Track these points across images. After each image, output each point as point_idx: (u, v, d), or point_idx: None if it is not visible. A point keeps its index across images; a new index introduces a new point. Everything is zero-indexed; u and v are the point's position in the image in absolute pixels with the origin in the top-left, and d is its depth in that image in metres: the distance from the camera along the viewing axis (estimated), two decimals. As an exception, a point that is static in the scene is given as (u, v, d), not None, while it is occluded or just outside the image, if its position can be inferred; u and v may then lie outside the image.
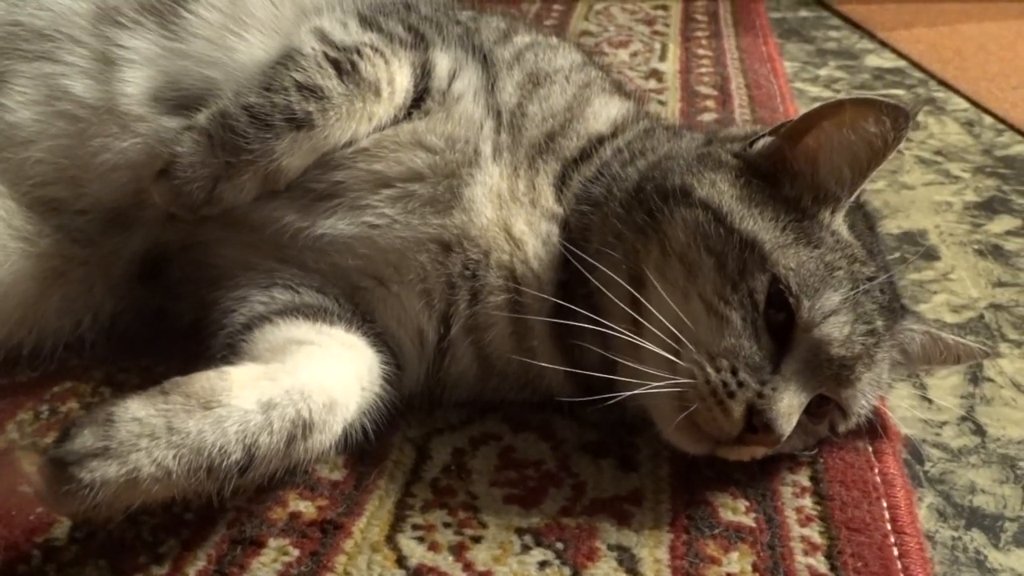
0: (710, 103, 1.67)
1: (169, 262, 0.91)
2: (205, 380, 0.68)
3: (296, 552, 0.71)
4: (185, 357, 0.92)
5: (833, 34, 2.20)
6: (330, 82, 0.79)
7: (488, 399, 0.87)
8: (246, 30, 0.89)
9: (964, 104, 1.79)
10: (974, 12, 2.33)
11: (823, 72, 1.94)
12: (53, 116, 0.86)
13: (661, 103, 1.65)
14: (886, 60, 2.03)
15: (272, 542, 0.72)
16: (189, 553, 0.71)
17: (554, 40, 1.01)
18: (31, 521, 0.73)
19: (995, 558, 0.77)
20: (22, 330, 0.88)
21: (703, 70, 1.84)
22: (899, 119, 0.77)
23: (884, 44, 2.11)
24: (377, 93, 0.81)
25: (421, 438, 0.85)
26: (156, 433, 0.64)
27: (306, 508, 0.76)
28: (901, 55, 2.04)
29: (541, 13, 2.19)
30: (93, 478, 0.61)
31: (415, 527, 0.75)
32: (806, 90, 1.84)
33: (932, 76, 1.92)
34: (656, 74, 1.80)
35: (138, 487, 0.63)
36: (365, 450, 0.81)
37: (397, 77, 0.83)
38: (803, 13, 2.35)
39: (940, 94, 1.84)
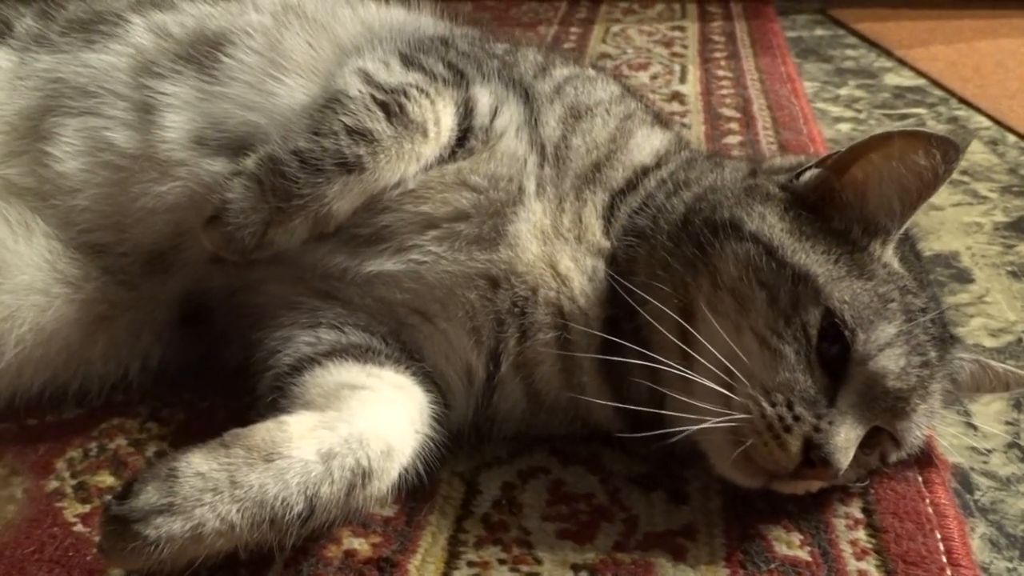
0: (734, 125, 1.67)
1: (212, 306, 0.91)
2: (265, 432, 0.69)
3: (355, 591, 0.71)
4: (228, 392, 0.94)
5: (850, 52, 2.21)
6: (379, 125, 0.80)
7: (536, 433, 0.87)
8: (285, 74, 0.90)
9: (987, 123, 1.79)
10: (989, 29, 2.34)
11: (843, 92, 1.95)
12: (97, 166, 0.88)
13: (685, 126, 1.66)
14: (905, 78, 2.03)
15: (330, 582, 0.72)
16: (247, 594, 0.71)
17: (591, 72, 1.02)
18: (88, 562, 0.74)
19: (1052, 589, 0.77)
20: (67, 373, 0.89)
21: (724, 91, 1.85)
22: (949, 152, 0.77)
23: (902, 62, 2.11)
24: (424, 134, 0.82)
25: (470, 472, 0.85)
26: (219, 487, 0.65)
27: (360, 545, 0.76)
28: (920, 73, 2.04)
29: (560, 36, 2.20)
30: (159, 535, 0.62)
31: (470, 564, 0.75)
32: (828, 110, 1.84)
33: (952, 94, 1.92)
34: (678, 96, 1.81)
35: (202, 542, 0.64)
36: (415, 486, 0.82)
37: (443, 117, 0.83)
38: (819, 32, 2.36)
39: (962, 112, 1.84)
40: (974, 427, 0.96)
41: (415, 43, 0.94)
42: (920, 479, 0.85)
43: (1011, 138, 1.72)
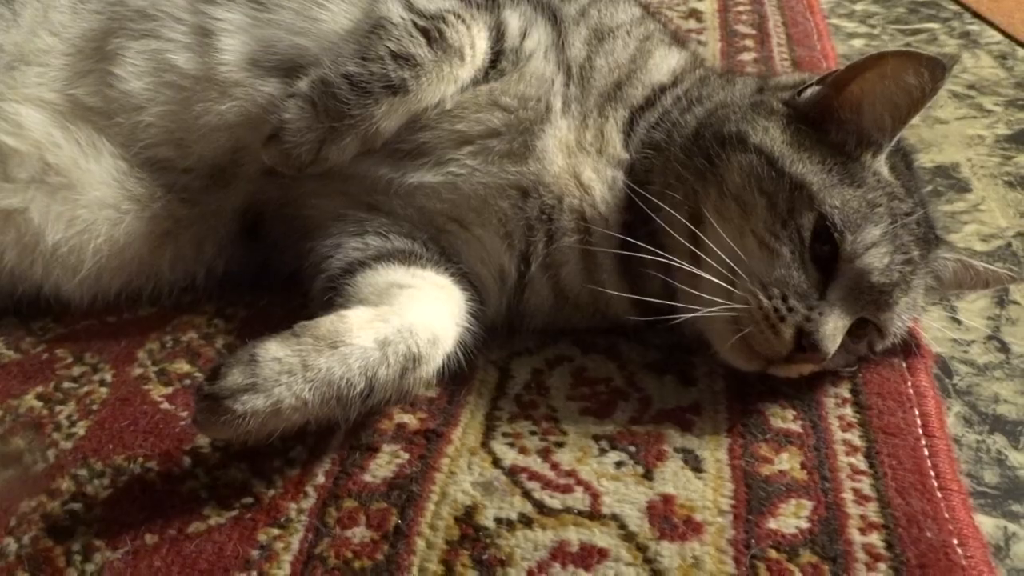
0: (749, 42, 1.72)
1: (267, 219, 1.01)
2: (329, 324, 0.79)
3: (406, 455, 0.83)
4: (283, 294, 1.05)
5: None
6: (421, 50, 0.88)
7: (561, 327, 0.98)
8: (333, 1, 0.98)
9: (998, 37, 1.82)
10: (1010, -60, 2.33)
11: (858, 7, 1.98)
12: (160, 86, 0.96)
13: (701, 43, 1.71)
14: (920, -9, 2.05)
15: (385, 447, 0.84)
16: (315, 458, 0.83)
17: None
18: (177, 432, 0.86)
19: (1015, 458, 0.87)
20: (140, 279, 0.99)
21: (741, 8, 1.88)
22: (936, 71, 0.84)
23: (920, -25, 2.13)
24: (462, 57, 0.90)
25: (503, 360, 0.96)
26: (293, 370, 0.75)
27: (409, 420, 0.87)
28: (936, -13, 2.06)
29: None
30: (245, 409, 0.73)
31: (505, 435, 0.86)
32: (842, 26, 1.88)
33: (967, 8, 1.95)
34: (695, 14, 1.85)
35: (280, 416, 0.75)
36: (455, 372, 0.93)
37: (478, 41, 0.91)
38: None
39: (974, 27, 1.87)
40: (958, 321, 1.06)
41: None
42: (904, 365, 0.95)
43: (1020, 52, 1.76)
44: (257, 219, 1.02)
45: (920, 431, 0.86)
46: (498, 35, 0.93)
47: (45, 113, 0.97)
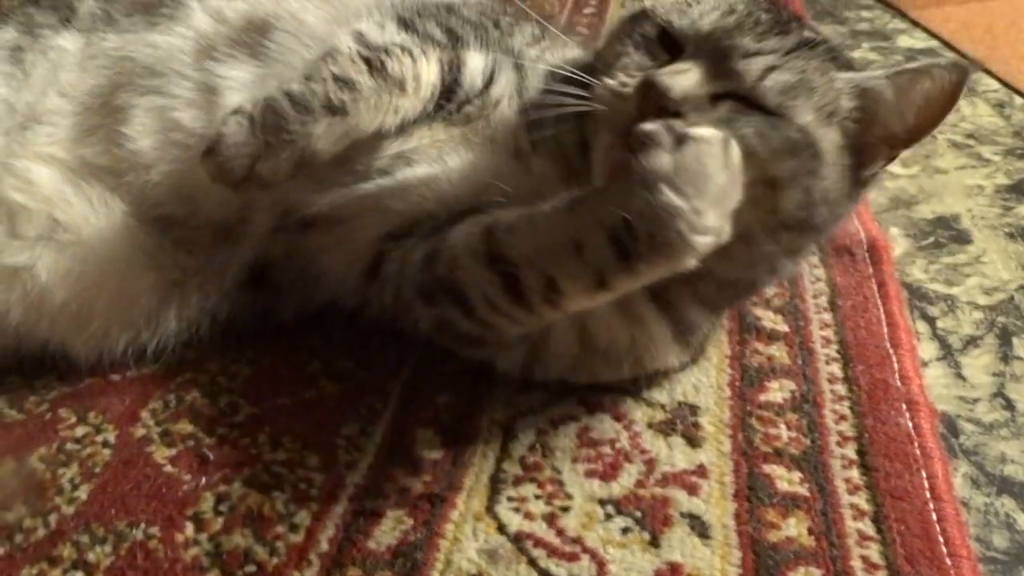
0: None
1: (274, 269, 1.01)
2: None
3: (410, 521, 0.82)
4: (287, 349, 1.05)
5: (865, 14, 2.25)
6: (361, 77, 0.89)
7: None
8: (310, 51, 0.99)
9: (995, 85, 1.84)
10: (1005, -13, 2.36)
11: (857, 54, 2.00)
12: (168, 144, 0.97)
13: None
14: (918, 40, 2.08)
15: (389, 513, 0.83)
16: (319, 523, 0.82)
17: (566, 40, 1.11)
18: (180, 497, 0.85)
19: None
20: (147, 333, 0.99)
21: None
22: None
23: (916, 24, 2.16)
24: (402, 89, 0.91)
25: (507, 420, 0.95)
26: None
27: (413, 484, 0.87)
28: (933, 35, 2.09)
29: (580, 0, 2.25)
30: None
31: (510, 499, 0.86)
32: (840, 74, 1.90)
33: (963, 56, 1.97)
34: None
35: None
36: (458, 432, 0.93)
37: (423, 73, 0.92)
38: (835, -9, 2.40)
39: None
40: (963, 378, 1.06)
41: (419, 8, 1.02)
42: (910, 425, 0.94)
43: (1018, 100, 1.78)
44: (264, 270, 1.02)
45: (928, 494, 0.86)
46: (450, 68, 0.94)
47: (56, 171, 0.98)
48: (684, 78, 0.80)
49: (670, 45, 0.86)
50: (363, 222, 0.95)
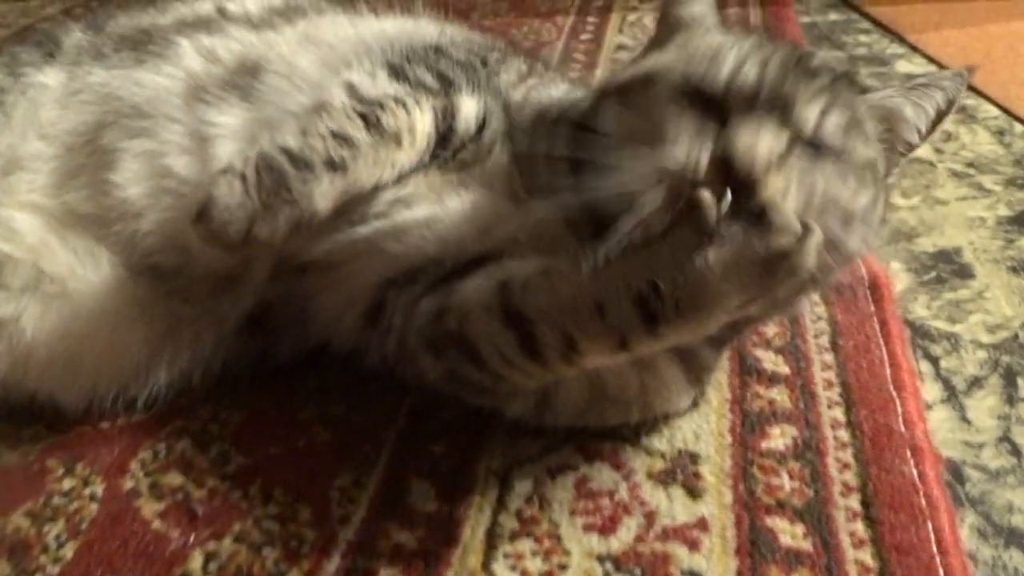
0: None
1: (271, 311, 0.99)
2: None
3: (405, 581, 0.81)
4: (280, 393, 1.03)
5: (863, 39, 2.24)
6: (359, 133, 0.87)
7: None
8: (303, 94, 0.97)
9: (995, 111, 1.83)
10: (1003, 11, 2.36)
11: (855, 80, 1.99)
12: (159, 192, 0.95)
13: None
14: (916, 66, 2.07)
15: (383, 571, 0.81)
16: (311, 583, 0.80)
17: (550, 76, 1.09)
18: (168, 556, 0.83)
19: (1033, 575, 0.85)
20: (137, 384, 0.97)
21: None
22: None
23: (914, 48, 2.15)
24: (398, 143, 0.89)
25: (503, 469, 0.94)
26: None
27: (407, 539, 0.85)
28: (931, 60, 2.08)
29: (576, 26, 2.25)
30: None
31: (506, 556, 0.84)
32: (839, 100, 1.89)
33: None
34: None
35: None
36: (454, 483, 0.91)
37: (418, 125, 0.91)
38: (832, 16, 2.39)
39: (970, 101, 1.88)
40: (968, 421, 1.04)
41: (408, 53, 1.01)
42: (915, 473, 0.92)
43: (1018, 127, 1.77)
44: (262, 315, 1.01)
45: (934, 548, 0.84)
46: (445, 116, 0.93)
47: (40, 219, 0.96)
48: (758, 146, 0.75)
49: (709, 108, 0.80)
50: (360, 265, 0.94)
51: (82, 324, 0.93)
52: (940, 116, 0.90)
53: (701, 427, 0.99)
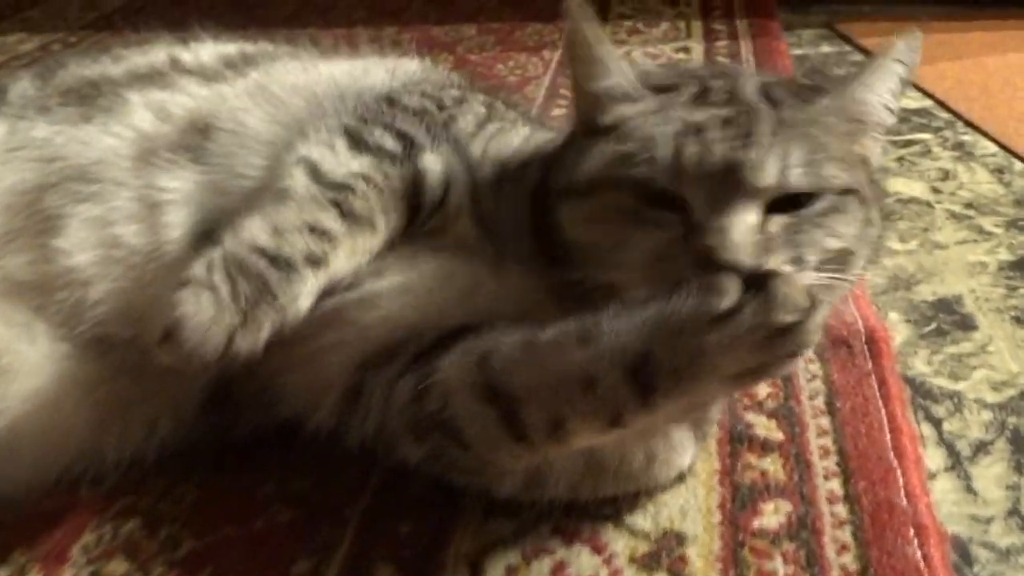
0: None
1: (234, 386, 0.93)
2: None
3: None
4: (239, 467, 0.96)
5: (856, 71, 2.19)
6: (335, 224, 0.81)
7: None
8: (254, 154, 0.92)
9: (993, 148, 1.78)
10: (998, 42, 2.32)
11: (849, 116, 1.94)
12: (108, 262, 0.88)
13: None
14: (912, 100, 2.02)
15: None
16: None
17: (512, 115, 1.03)
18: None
19: (1050, 672, 0.78)
20: (81, 464, 0.91)
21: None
22: None
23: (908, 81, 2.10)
24: (373, 228, 0.84)
25: (475, 552, 0.87)
26: None
27: (368, 637, 0.78)
28: (927, 94, 2.03)
29: (564, 60, 2.20)
30: None
31: (475, 655, 0.77)
32: (832, 137, 1.84)
33: (959, 117, 1.91)
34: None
35: None
36: (421, 570, 0.84)
37: (390, 203, 0.85)
38: (825, 48, 2.35)
39: (968, 137, 1.83)
40: (974, 492, 0.97)
41: (362, 110, 0.94)
42: (919, 555, 0.86)
43: (1018, 165, 1.71)
44: (223, 390, 0.94)
45: (942, 643, 0.77)
46: (416, 190, 0.87)
47: None
48: (733, 235, 0.71)
49: (667, 203, 0.76)
50: (331, 338, 0.87)
51: (18, 405, 0.86)
52: (903, 84, 0.87)
53: (688, 502, 0.92)
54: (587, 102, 0.86)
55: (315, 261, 0.79)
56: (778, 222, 0.75)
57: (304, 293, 0.78)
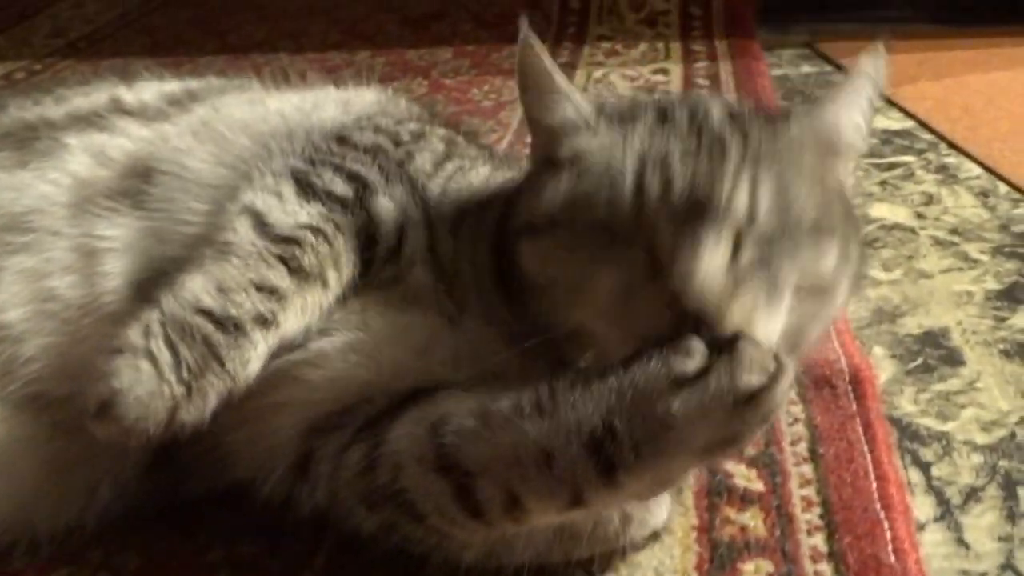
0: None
1: (179, 447, 0.86)
2: None
3: None
4: (184, 533, 0.90)
5: (837, 92, 2.16)
6: (283, 282, 0.76)
7: None
8: (196, 198, 0.86)
9: (977, 170, 1.74)
10: (980, 60, 2.29)
11: (830, 138, 1.90)
12: (42, 316, 0.83)
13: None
14: (893, 121, 1.98)
15: None
16: None
17: (473, 151, 0.98)
18: None
19: None
20: (14, 532, 0.85)
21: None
22: None
23: (890, 102, 2.07)
24: (324, 284, 0.78)
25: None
26: None
27: None
28: (908, 114, 2.00)
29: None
30: None
31: None
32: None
33: (942, 138, 1.88)
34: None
35: None
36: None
37: (342, 257, 0.80)
38: (805, 68, 2.32)
39: (951, 159, 1.79)
40: (965, 545, 0.92)
41: (310, 150, 0.89)
42: (908, 619, 0.81)
43: (1002, 188, 1.67)
44: (168, 450, 0.87)
45: None
46: (369, 238, 0.82)
47: None
48: (700, 272, 0.65)
49: (630, 240, 0.70)
50: (279, 397, 0.81)
51: None
52: (877, 102, 0.83)
53: (663, 563, 0.87)
54: (543, 135, 0.81)
55: (264, 322, 0.74)
56: (749, 255, 0.69)
57: (254, 357, 0.73)
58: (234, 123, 0.92)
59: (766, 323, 0.68)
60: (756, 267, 0.69)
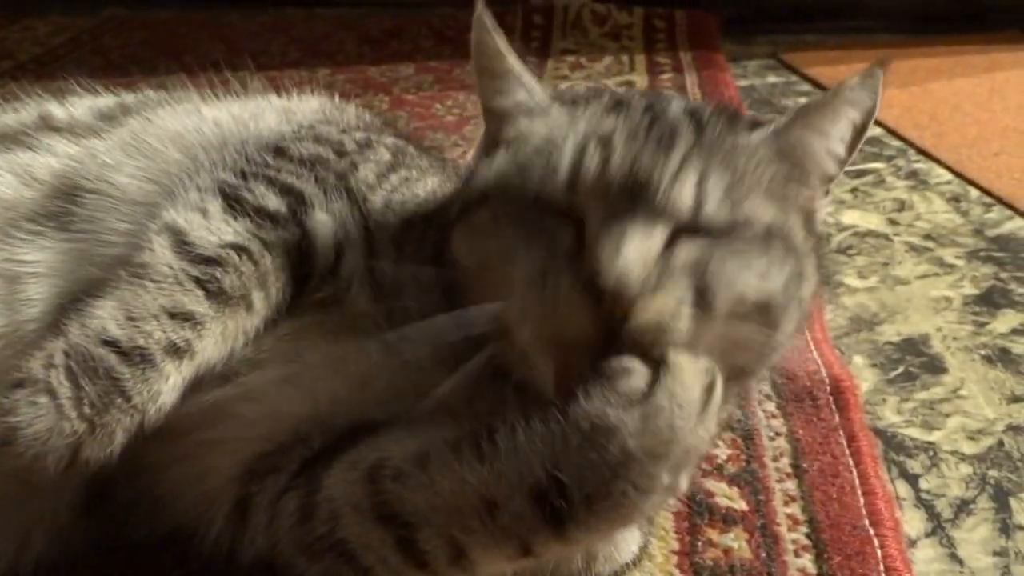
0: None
1: (115, 484, 0.79)
2: None
3: None
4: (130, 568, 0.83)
5: (803, 101, 2.14)
6: (199, 307, 0.69)
7: None
8: (123, 218, 0.80)
9: (947, 176, 1.73)
10: (944, 68, 2.29)
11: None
12: None
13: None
14: (861, 128, 1.97)
15: None
16: None
17: (424, 163, 0.91)
18: None
19: None
20: None
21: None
22: None
23: (857, 110, 2.05)
24: (249, 306, 0.72)
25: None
26: None
27: None
28: (876, 122, 1.98)
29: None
30: None
31: None
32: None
33: (911, 144, 1.86)
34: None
35: None
36: None
37: (270, 276, 0.73)
38: (771, 79, 2.30)
39: (921, 165, 1.78)
40: (959, 560, 0.87)
41: (243, 164, 0.82)
42: (905, 642, 0.76)
43: (973, 192, 1.66)
44: (104, 488, 0.80)
45: None
46: (304, 256, 0.75)
47: None
48: (622, 258, 0.60)
49: (559, 219, 0.66)
50: (211, 434, 0.75)
51: None
52: (859, 132, 0.76)
53: (644, 592, 0.81)
54: (493, 120, 0.77)
55: (176, 351, 0.67)
56: (686, 253, 0.64)
57: (165, 390, 0.66)
58: (165, 135, 0.86)
59: (685, 326, 0.61)
60: (690, 269, 0.63)
